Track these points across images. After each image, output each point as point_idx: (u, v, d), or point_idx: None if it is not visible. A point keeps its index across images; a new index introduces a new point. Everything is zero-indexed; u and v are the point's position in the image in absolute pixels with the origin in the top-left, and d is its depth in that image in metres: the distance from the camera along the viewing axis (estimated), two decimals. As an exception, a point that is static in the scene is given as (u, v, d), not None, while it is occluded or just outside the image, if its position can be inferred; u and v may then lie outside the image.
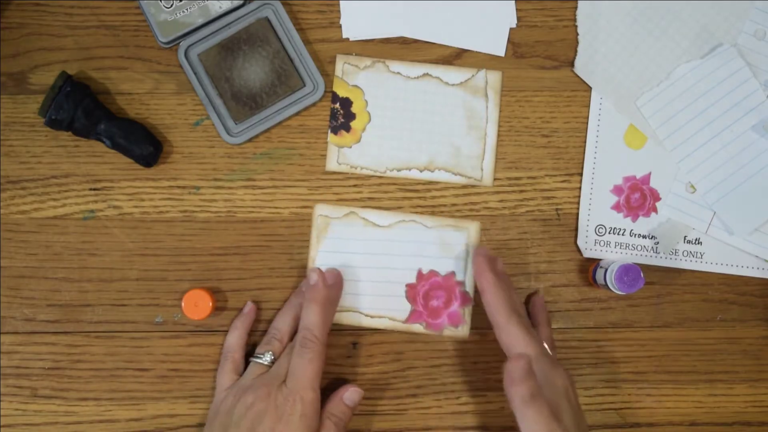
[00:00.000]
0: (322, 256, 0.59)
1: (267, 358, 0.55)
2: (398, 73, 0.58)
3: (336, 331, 0.59)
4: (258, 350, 0.56)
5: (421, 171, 0.59)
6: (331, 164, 0.60)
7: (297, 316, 0.56)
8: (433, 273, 0.59)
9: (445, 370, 0.60)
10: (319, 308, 0.54)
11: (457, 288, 0.59)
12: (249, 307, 0.58)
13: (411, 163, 0.59)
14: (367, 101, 0.58)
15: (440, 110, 0.59)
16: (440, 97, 0.59)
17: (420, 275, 0.59)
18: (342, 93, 0.58)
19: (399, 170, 0.59)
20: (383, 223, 0.59)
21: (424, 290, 0.59)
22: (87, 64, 0.59)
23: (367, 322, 0.59)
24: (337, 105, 0.57)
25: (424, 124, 0.59)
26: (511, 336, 0.52)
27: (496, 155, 0.60)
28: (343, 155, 0.59)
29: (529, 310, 0.59)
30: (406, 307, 0.59)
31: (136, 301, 0.59)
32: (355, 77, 0.59)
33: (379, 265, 0.59)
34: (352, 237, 0.59)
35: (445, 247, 0.59)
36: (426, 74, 0.58)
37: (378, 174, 0.59)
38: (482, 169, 0.59)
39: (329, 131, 0.59)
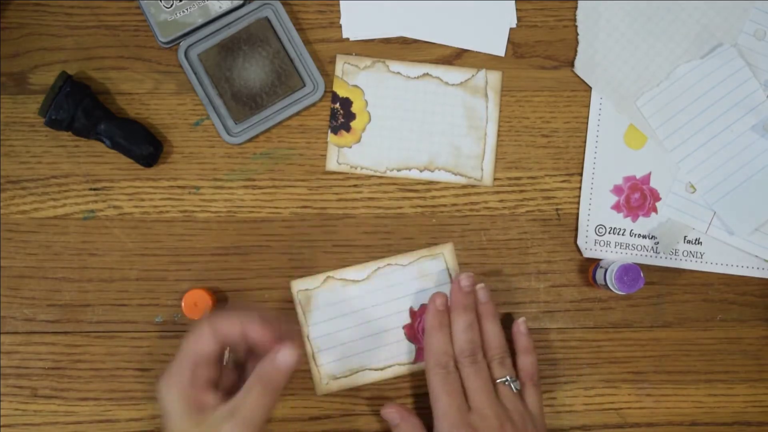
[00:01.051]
0: (314, 329, 0.58)
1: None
2: (398, 73, 0.58)
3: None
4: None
5: (421, 171, 0.59)
6: (331, 164, 0.59)
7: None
8: (424, 307, 0.59)
9: (445, 370, 0.60)
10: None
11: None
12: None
13: (411, 163, 0.59)
14: (367, 101, 0.58)
15: (440, 110, 0.59)
16: (440, 97, 0.59)
17: (412, 313, 0.59)
18: (342, 93, 0.58)
19: (399, 170, 0.59)
20: (360, 277, 0.59)
21: (422, 326, 0.59)
22: (87, 64, 0.59)
23: (378, 376, 0.59)
24: (337, 105, 0.57)
25: (424, 124, 0.59)
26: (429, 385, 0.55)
27: (496, 155, 0.60)
28: (343, 155, 0.59)
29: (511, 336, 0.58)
30: (410, 349, 0.59)
31: (136, 301, 0.59)
32: (355, 77, 0.58)
33: (371, 318, 0.59)
34: (336, 301, 0.59)
35: (426, 278, 0.59)
36: (426, 74, 0.58)
37: (378, 174, 0.59)
38: (482, 169, 0.59)
39: (329, 131, 0.59)
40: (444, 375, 0.54)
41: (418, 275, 0.59)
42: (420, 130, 0.59)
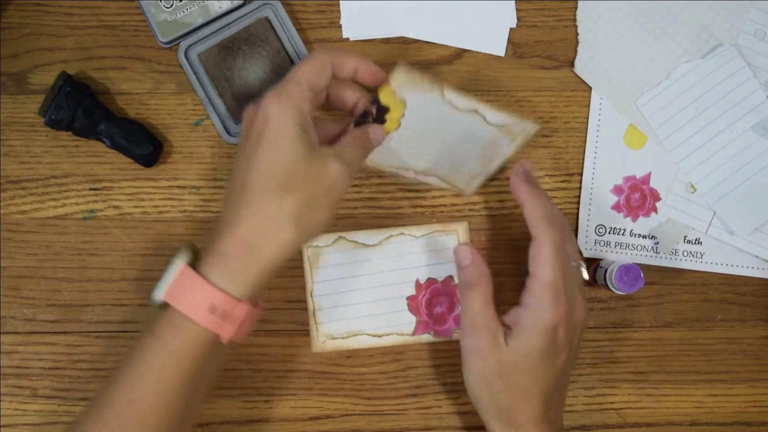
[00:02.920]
0: (318, 287, 0.58)
1: None
2: (450, 101, 0.54)
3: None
4: None
5: (416, 173, 0.58)
6: (331, 164, 0.59)
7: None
8: (431, 281, 0.59)
9: (445, 370, 0.60)
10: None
11: (458, 291, 0.59)
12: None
13: (409, 164, 0.59)
14: (404, 115, 0.54)
15: (467, 138, 0.56)
16: (474, 128, 0.56)
17: (418, 285, 0.59)
18: (384, 100, 0.53)
19: (397, 168, 0.59)
20: (372, 242, 0.59)
21: (426, 299, 0.59)
22: (87, 64, 0.59)
23: (375, 343, 0.59)
24: (374, 109, 0.52)
25: (443, 144, 0.56)
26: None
27: (487, 177, 0.59)
28: None
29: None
30: (411, 320, 0.59)
31: (136, 301, 0.59)
32: (407, 92, 0.53)
33: (377, 284, 0.59)
34: (345, 262, 0.59)
35: (437, 253, 0.59)
36: (474, 110, 0.54)
37: (373, 164, 0.57)
38: (470, 184, 0.58)
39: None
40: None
41: (429, 249, 0.59)
42: (434, 146, 0.57)
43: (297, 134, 0.47)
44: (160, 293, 0.47)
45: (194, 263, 0.47)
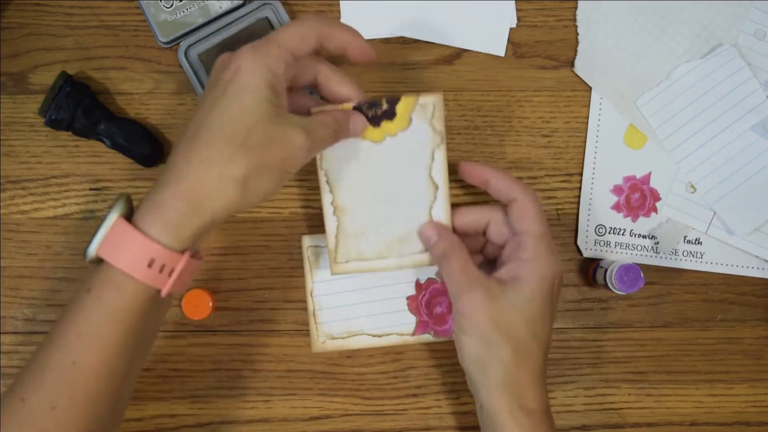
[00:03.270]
0: (318, 287, 0.58)
1: None
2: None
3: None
4: None
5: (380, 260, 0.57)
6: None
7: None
8: (430, 281, 0.59)
9: (445, 370, 0.60)
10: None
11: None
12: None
13: (369, 247, 0.57)
14: (396, 135, 0.53)
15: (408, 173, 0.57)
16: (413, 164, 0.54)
17: (418, 285, 0.59)
18: (401, 108, 0.52)
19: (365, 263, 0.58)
20: None
21: (426, 299, 0.59)
22: (87, 64, 0.59)
23: (375, 343, 0.59)
24: (385, 105, 0.52)
25: (387, 187, 0.54)
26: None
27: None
28: None
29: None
30: (411, 320, 0.59)
31: (136, 301, 0.59)
32: (417, 119, 0.53)
33: (376, 284, 0.59)
34: None
35: None
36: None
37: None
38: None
39: (348, 106, 0.54)
40: None
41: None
42: (384, 192, 0.54)
43: (265, 93, 0.45)
44: (93, 249, 0.44)
45: (129, 215, 0.45)
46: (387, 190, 0.54)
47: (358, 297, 0.59)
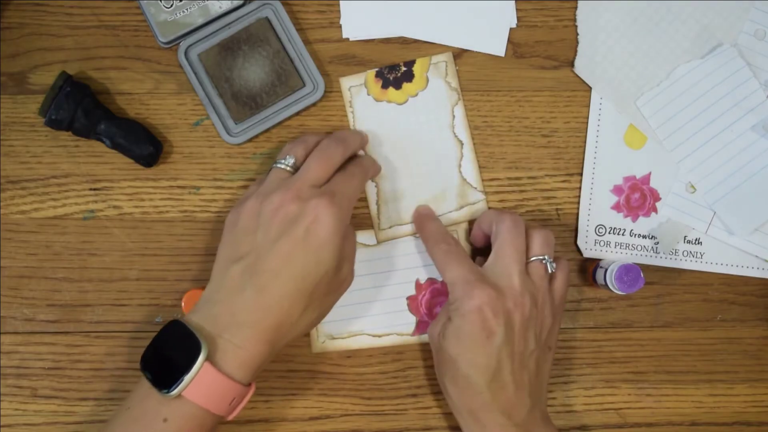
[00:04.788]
0: None
1: (289, 161, 0.53)
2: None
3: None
4: (278, 157, 0.54)
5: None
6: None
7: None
8: (431, 281, 0.59)
9: (445, 370, 0.60)
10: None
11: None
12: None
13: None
14: (416, 96, 0.59)
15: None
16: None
17: (418, 285, 0.59)
18: (417, 69, 0.59)
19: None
20: (372, 242, 0.59)
21: (426, 299, 0.59)
22: (87, 64, 0.59)
23: (375, 343, 0.59)
24: (402, 66, 0.59)
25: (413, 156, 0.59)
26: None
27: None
28: None
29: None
30: (411, 320, 0.59)
31: (136, 301, 0.59)
32: (434, 77, 0.59)
33: (377, 284, 0.59)
34: None
35: None
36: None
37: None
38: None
39: (372, 72, 0.59)
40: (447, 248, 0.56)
41: None
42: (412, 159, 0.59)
43: (338, 245, 0.50)
44: (179, 391, 0.46)
45: (212, 354, 0.48)
46: (417, 152, 0.59)
47: (358, 297, 0.59)
